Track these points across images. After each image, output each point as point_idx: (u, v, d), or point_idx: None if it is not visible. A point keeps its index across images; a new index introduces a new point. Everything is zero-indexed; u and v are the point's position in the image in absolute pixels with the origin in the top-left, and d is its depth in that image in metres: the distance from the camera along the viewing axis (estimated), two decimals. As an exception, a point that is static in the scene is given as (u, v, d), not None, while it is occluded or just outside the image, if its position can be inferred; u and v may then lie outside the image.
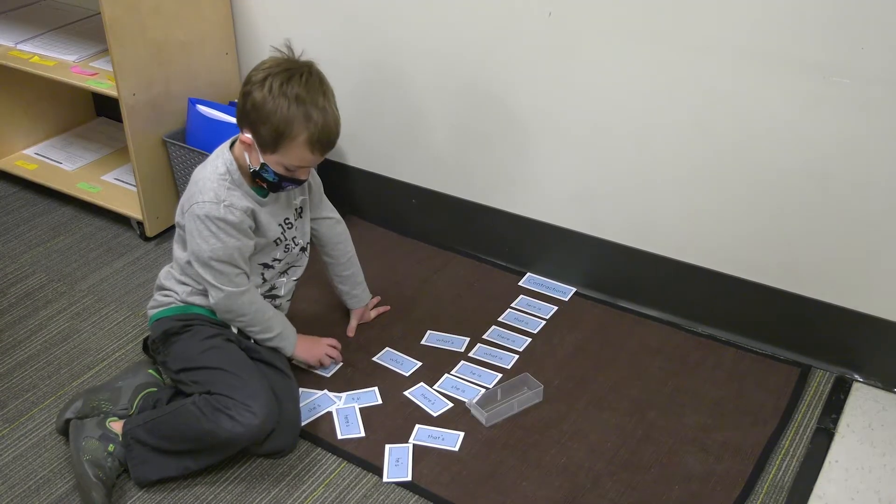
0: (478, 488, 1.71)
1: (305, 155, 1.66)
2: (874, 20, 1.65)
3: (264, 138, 1.64)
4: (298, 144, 1.64)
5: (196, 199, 1.70)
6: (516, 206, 2.28)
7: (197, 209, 1.69)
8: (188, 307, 1.82)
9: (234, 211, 1.70)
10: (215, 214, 1.68)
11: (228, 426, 1.64)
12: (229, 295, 1.75)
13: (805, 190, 1.87)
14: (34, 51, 2.46)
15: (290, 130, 1.62)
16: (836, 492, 1.69)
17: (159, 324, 1.83)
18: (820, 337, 1.99)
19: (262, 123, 1.63)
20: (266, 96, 1.61)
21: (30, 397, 1.94)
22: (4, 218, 2.57)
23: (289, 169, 1.68)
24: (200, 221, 1.69)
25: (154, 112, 2.32)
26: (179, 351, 1.78)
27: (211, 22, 2.40)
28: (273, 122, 1.61)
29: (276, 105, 1.60)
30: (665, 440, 1.81)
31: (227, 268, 1.73)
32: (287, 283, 1.92)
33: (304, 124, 1.62)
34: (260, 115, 1.62)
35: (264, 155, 1.67)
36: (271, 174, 1.69)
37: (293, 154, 1.65)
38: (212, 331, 1.79)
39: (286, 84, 1.61)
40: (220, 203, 1.69)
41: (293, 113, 1.61)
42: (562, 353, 2.05)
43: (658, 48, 1.89)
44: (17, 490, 1.72)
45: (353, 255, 2.05)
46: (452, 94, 2.22)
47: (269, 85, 1.61)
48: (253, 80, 1.64)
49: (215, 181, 1.70)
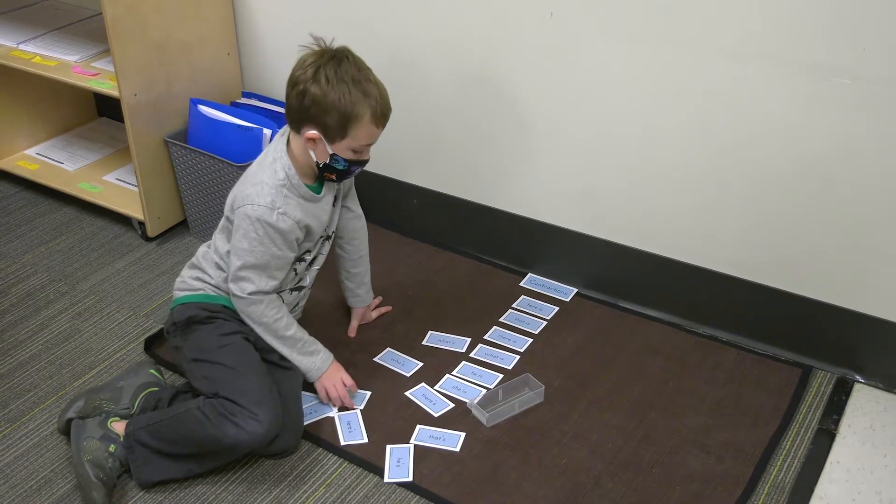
0: (479, 489, 1.71)
1: (373, 131, 1.70)
2: (875, 21, 1.65)
3: (331, 128, 1.68)
4: (365, 123, 1.68)
5: (252, 200, 1.72)
6: (518, 207, 2.28)
7: (250, 210, 1.72)
8: (216, 297, 1.83)
9: (286, 220, 1.73)
10: (267, 220, 1.71)
11: (233, 433, 1.64)
12: (246, 302, 1.78)
13: (806, 190, 1.87)
14: (36, 51, 2.46)
15: (357, 111, 1.66)
16: (837, 492, 1.69)
17: (185, 308, 1.83)
18: (821, 338, 1.99)
19: (327, 114, 1.66)
20: (325, 87, 1.64)
21: (31, 397, 1.94)
22: (6, 218, 2.57)
23: (356, 151, 1.72)
24: (249, 222, 1.72)
25: (155, 112, 2.32)
26: (198, 340, 1.79)
27: (212, 22, 2.40)
28: (339, 108, 1.65)
29: (339, 92, 1.64)
30: (666, 441, 1.81)
31: (254, 274, 1.75)
32: (311, 273, 1.94)
33: (366, 102, 1.66)
34: (322, 106, 1.66)
35: (332, 145, 1.70)
36: (342, 162, 1.72)
37: (362, 133, 1.69)
38: (233, 327, 1.80)
39: (339, 70, 1.65)
40: (275, 210, 1.72)
41: (355, 95, 1.65)
42: (563, 354, 2.05)
43: (659, 48, 1.89)
44: (19, 490, 1.73)
45: (365, 253, 2.06)
46: (454, 95, 2.22)
47: (323, 77, 1.65)
48: (303, 78, 1.67)
49: (274, 187, 1.73)
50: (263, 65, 2.50)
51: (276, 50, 2.44)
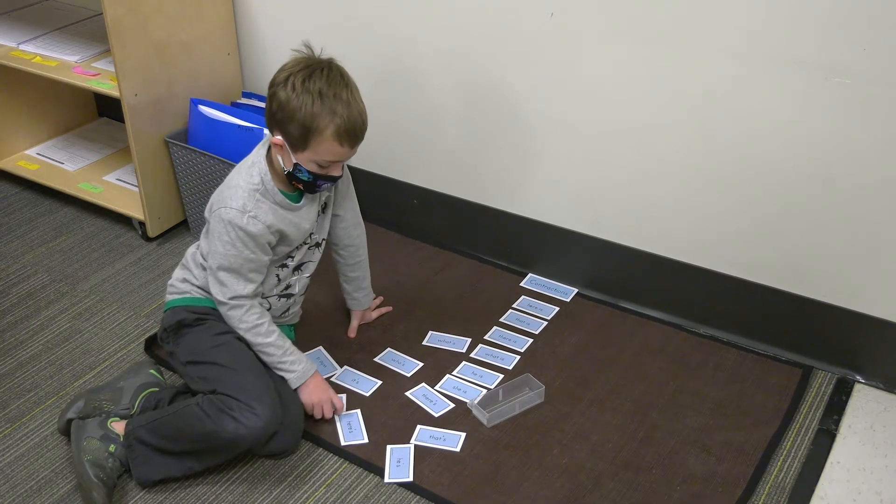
0: (479, 489, 1.71)
1: (335, 148, 1.67)
2: (875, 21, 1.65)
3: (293, 137, 1.67)
4: (326, 138, 1.66)
5: (225, 203, 1.72)
6: (518, 207, 2.28)
7: (223, 213, 1.72)
8: (202, 299, 1.83)
9: (256, 223, 1.72)
10: (237, 223, 1.71)
11: (232, 428, 1.64)
12: (227, 307, 1.77)
13: (807, 190, 1.87)
14: (36, 51, 2.46)
15: (317, 125, 1.64)
16: (837, 493, 1.69)
17: (173, 313, 1.83)
18: (822, 338, 1.99)
19: (289, 122, 1.65)
20: (290, 95, 1.64)
21: (32, 397, 1.94)
22: (6, 218, 2.57)
23: (321, 166, 1.70)
24: (223, 225, 1.72)
25: (156, 112, 2.32)
26: (189, 343, 1.79)
27: (213, 22, 2.40)
28: (299, 118, 1.64)
29: (301, 102, 1.63)
30: (666, 441, 1.81)
31: (230, 278, 1.75)
32: (300, 280, 1.92)
33: (329, 117, 1.64)
34: (286, 113, 1.65)
35: (296, 154, 1.69)
36: (305, 173, 1.71)
37: (323, 148, 1.67)
38: (224, 327, 1.80)
39: (308, 80, 1.64)
40: (245, 213, 1.71)
41: (317, 107, 1.63)
42: (563, 354, 2.05)
43: (659, 49, 1.89)
44: (20, 490, 1.73)
45: (362, 260, 2.05)
46: (454, 95, 2.22)
47: (291, 83, 1.64)
48: (276, 81, 1.67)
49: (248, 191, 1.72)
50: (264, 65, 2.50)
51: (276, 50, 2.44)
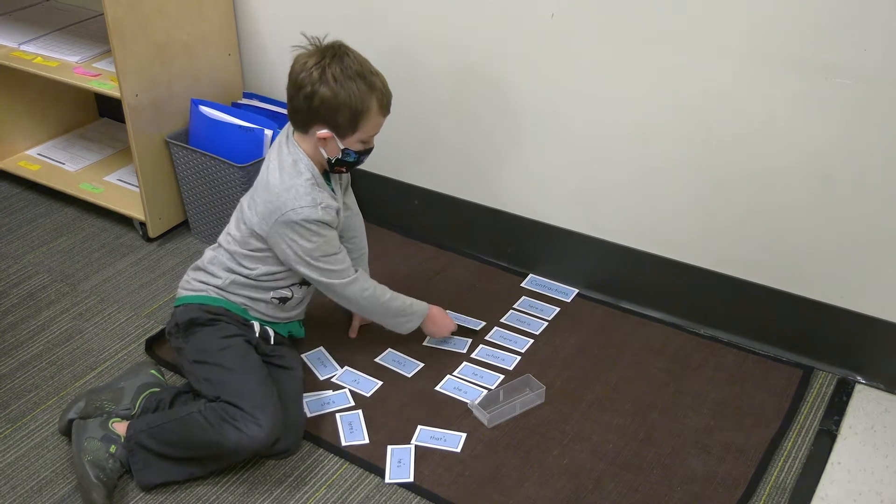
0: (480, 489, 1.71)
1: (379, 120, 1.76)
2: (875, 21, 1.65)
3: (343, 125, 1.71)
4: (374, 114, 1.73)
5: (290, 206, 1.73)
6: (519, 207, 2.28)
7: (293, 215, 1.73)
8: (218, 299, 1.83)
9: (329, 210, 1.77)
10: (314, 217, 1.74)
11: (234, 437, 1.64)
12: (342, 286, 1.83)
13: (807, 191, 1.87)
14: (37, 52, 2.46)
15: (367, 105, 1.70)
16: (838, 493, 1.69)
17: (187, 310, 1.83)
18: (822, 338, 1.99)
19: (338, 113, 1.69)
20: (335, 87, 1.67)
21: (32, 398, 1.94)
22: (7, 219, 2.58)
23: (364, 142, 1.77)
24: (300, 226, 1.74)
25: (156, 113, 2.32)
26: (199, 342, 1.80)
27: (213, 22, 2.40)
28: (350, 105, 1.69)
29: (348, 90, 1.67)
30: (667, 441, 1.81)
31: (332, 261, 1.80)
32: None
33: (371, 94, 1.70)
34: (333, 106, 1.69)
35: (344, 140, 1.74)
36: (352, 155, 1.77)
37: (371, 125, 1.74)
38: (234, 330, 1.81)
39: (343, 67, 1.68)
40: (318, 206, 1.74)
41: (362, 89, 1.69)
42: (564, 354, 2.05)
43: (659, 49, 1.89)
44: (20, 490, 1.73)
45: (364, 253, 2.07)
46: (455, 96, 2.22)
47: (331, 76, 1.67)
48: (308, 80, 1.68)
49: (306, 187, 1.75)
50: (264, 65, 2.50)
51: (277, 50, 2.44)
